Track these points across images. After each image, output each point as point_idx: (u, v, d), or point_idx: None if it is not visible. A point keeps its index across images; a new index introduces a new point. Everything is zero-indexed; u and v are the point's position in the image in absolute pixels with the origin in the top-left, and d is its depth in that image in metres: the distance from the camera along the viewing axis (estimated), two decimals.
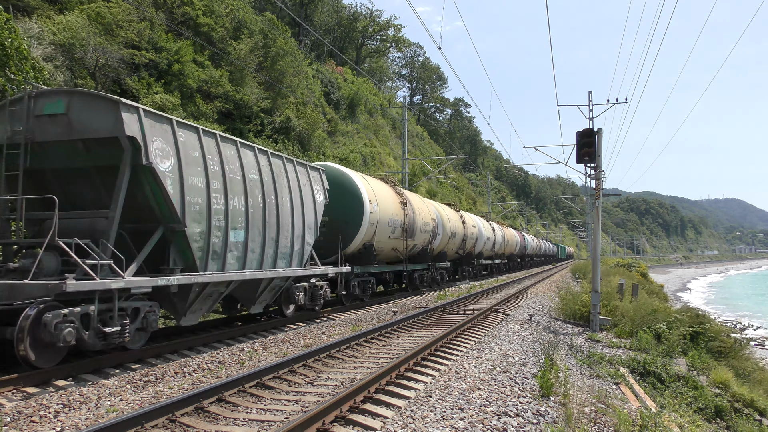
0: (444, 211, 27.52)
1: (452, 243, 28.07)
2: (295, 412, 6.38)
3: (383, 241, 18.81)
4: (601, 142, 16.07)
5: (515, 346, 11.33)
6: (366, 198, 17.17)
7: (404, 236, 20.30)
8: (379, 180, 20.79)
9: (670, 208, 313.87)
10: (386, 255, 19.82)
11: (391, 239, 19.44)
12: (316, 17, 54.36)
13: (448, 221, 27.12)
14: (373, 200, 17.73)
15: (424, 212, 23.24)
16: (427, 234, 23.39)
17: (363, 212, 16.93)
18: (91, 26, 19.31)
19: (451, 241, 27.70)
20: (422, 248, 23.25)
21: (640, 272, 45.81)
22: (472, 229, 32.37)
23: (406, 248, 20.56)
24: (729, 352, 16.55)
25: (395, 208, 19.70)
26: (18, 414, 6.26)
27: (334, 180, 16.75)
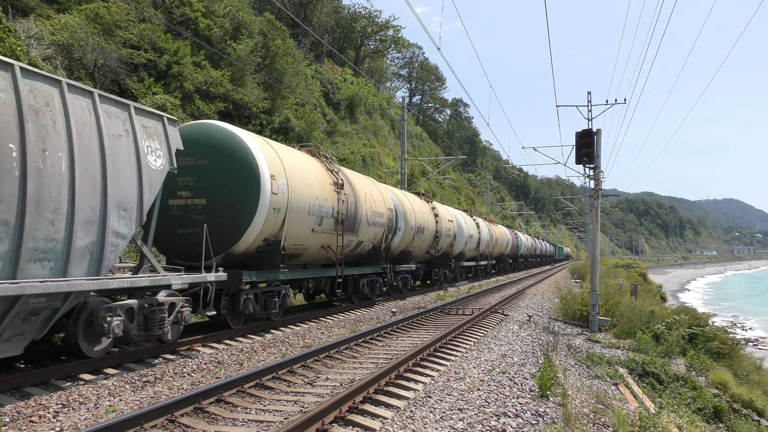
0: (408, 201, 22.32)
1: (419, 241, 22.95)
2: (295, 413, 6.38)
3: (304, 236, 13.80)
4: (599, 143, 16.09)
5: (514, 346, 11.34)
6: (264, 171, 11.82)
7: (339, 230, 15.25)
8: (304, 152, 15.54)
9: (669, 208, 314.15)
10: (313, 255, 14.92)
11: (318, 233, 14.36)
12: (315, 18, 54.40)
13: (412, 213, 21.87)
14: (280, 176, 12.44)
15: (374, 199, 18.12)
16: (380, 228, 18.34)
17: (259, 191, 11.61)
18: (90, 26, 19.30)
19: (417, 239, 22.61)
20: (373, 246, 18.34)
21: (639, 273, 45.88)
22: (449, 225, 27.26)
23: (342, 246, 15.51)
24: (727, 353, 16.57)
25: (323, 191, 14.56)
26: (17, 414, 6.26)
27: (214, 143, 11.71)
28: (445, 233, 26.26)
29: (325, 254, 15.31)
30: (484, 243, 35.49)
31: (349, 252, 16.65)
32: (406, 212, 21.31)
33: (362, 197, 17.13)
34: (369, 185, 18.68)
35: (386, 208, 19.13)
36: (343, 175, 16.26)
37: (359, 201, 16.76)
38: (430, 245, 24.74)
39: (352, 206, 16.12)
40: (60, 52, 17.85)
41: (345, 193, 15.71)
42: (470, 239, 31.31)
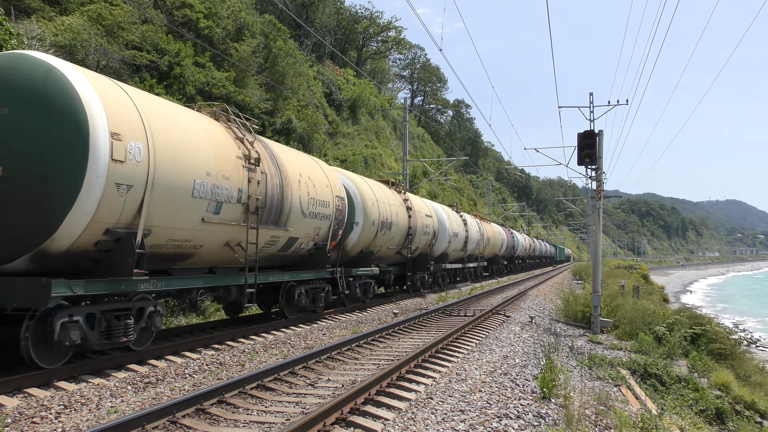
0: (370, 190, 17.96)
1: (386, 239, 18.71)
2: (296, 414, 6.38)
3: (188, 229, 9.63)
4: (601, 144, 16.08)
5: (516, 348, 11.33)
6: (99, 124, 7.80)
7: (252, 221, 11.14)
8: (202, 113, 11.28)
9: (671, 209, 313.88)
10: (214, 256, 10.83)
11: (215, 225, 10.18)
12: (317, 19, 54.45)
13: (374, 205, 17.57)
14: (132, 135, 8.32)
15: (314, 183, 13.83)
16: (323, 221, 14.11)
17: (87, 155, 7.60)
18: (93, 27, 19.34)
19: (383, 236, 18.38)
20: (315, 245, 14.27)
21: (641, 274, 45.83)
22: (426, 221, 23.13)
23: (257, 244, 11.38)
24: (730, 354, 16.55)
25: (223, 165, 10.28)
26: (19, 415, 6.26)
27: (19, 83, 7.75)
28: (421, 230, 22.14)
29: (233, 255, 11.09)
30: (473, 242, 31.29)
31: (276, 252, 12.73)
32: (365, 203, 17.13)
33: (294, 179, 12.90)
34: (308, 165, 14.17)
35: (334, 197, 14.78)
36: (262, 147, 11.89)
37: (289, 184, 12.57)
38: (401, 244, 20.43)
39: (275, 190, 11.88)
40: (62, 53, 17.89)
41: (263, 171, 11.46)
42: (455, 238, 27.40)
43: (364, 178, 19.44)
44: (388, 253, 19.65)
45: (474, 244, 31.51)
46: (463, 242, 29.13)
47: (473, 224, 31.84)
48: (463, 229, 29.13)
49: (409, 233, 20.75)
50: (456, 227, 27.63)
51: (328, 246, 14.69)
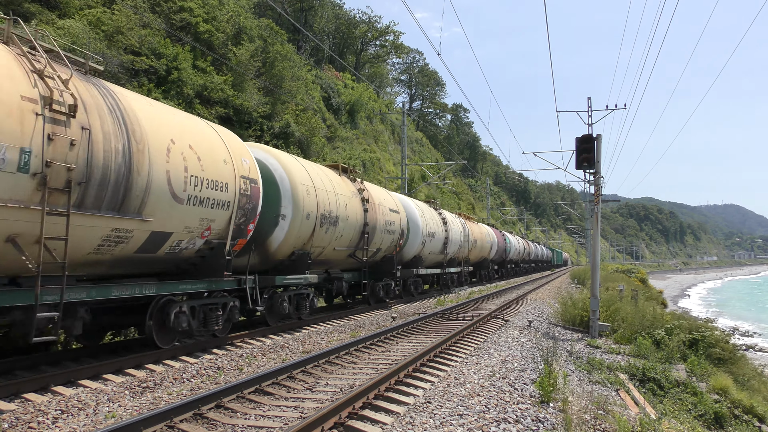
0: (301, 171, 13.98)
1: (328, 237, 14.72)
2: (294, 419, 6.37)
3: None
4: (600, 148, 16.11)
5: (514, 352, 11.32)
6: None
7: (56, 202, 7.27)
8: None
9: (669, 213, 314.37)
10: None
11: None
12: (315, 23, 54.54)
13: (309, 193, 13.71)
14: None
15: (197, 152, 9.80)
16: (215, 210, 10.13)
17: None
18: (92, 32, 19.35)
19: (323, 234, 14.39)
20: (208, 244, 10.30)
21: (639, 278, 45.86)
22: (390, 217, 19.00)
23: (67, 239, 7.38)
24: (728, 359, 16.55)
25: None
26: (16, 420, 6.24)
27: None
28: (383, 229, 18.13)
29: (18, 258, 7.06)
30: (455, 244, 27.66)
31: (132, 254, 8.77)
32: (295, 189, 13.18)
33: (159, 145, 8.94)
34: (190, 129, 10.02)
35: (238, 177, 10.74)
36: (90, 90, 8.16)
37: (146, 151, 8.60)
38: (353, 245, 16.37)
39: (113, 157, 7.95)
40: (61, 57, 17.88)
41: (85, 127, 7.58)
42: (431, 239, 23.65)
43: (300, 158, 15.29)
44: (336, 255, 15.75)
45: (456, 246, 27.92)
46: (442, 244, 25.56)
47: (455, 224, 28.41)
48: (441, 228, 25.40)
49: (365, 231, 16.63)
50: (433, 226, 24.00)
51: (226, 245, 10.64)
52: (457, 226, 28.53)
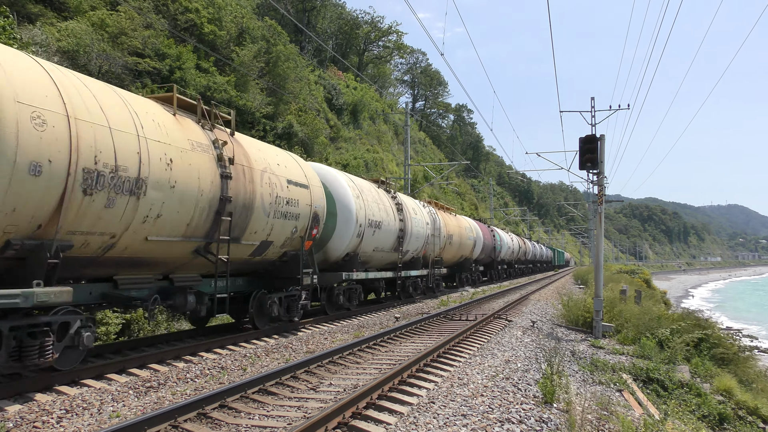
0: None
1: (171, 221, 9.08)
2: (298, 419, 6.38)
3: None
4: (603, 148, 16.09)
5: (518, 352, 11.31)
6: None
7: None
8: None
9: (673, 214, 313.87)
10: None
11: None
12: (318, 24, 54.58)
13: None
14: None
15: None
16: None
17: None
18: (95, 33, 19.41)
19: (167, 216, 8.91)
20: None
21: (643, 279, 45.78)
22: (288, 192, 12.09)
23: None
24: (732, 359, 16.51)
25: None
26: (21, 419, 6.26)
27: None
28: (269, 206, 11.53)
29: None
30: (417, 239, 21.16)
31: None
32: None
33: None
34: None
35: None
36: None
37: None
38: (200, 232, 9.82)
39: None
40: (66, 58, 17.95)
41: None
42: (375, 230, 17.34)
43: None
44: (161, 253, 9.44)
45: (419, 241, 21.56)
46: (396, 238, 19.17)
47: (419, 213, 21.82)
48: (394, 216, 19.05)
49: (223, 209, 10.13)
50: (380, 212, 17.68)
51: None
52: (420, 216, 21.88)
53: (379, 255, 18.59)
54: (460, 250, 29.24)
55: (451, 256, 28.15)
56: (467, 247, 30.31)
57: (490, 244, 36.56)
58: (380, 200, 18.39)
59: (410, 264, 21.92)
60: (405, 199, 21.39)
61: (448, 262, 28.02)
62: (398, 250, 19.76)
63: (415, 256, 22.18)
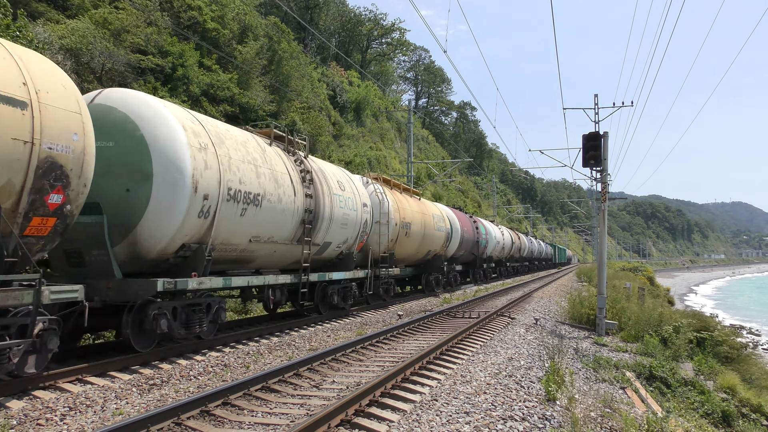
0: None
1: None
2: (301, 416, 6.38)
3: None
4: (607, 146, 16.05)
5: (521, 350, 11.30)
6: None
7: None
8: None
9: (677, 211, 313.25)
10: None
11: None
12: (321, 21, 54.55)
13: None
14: None
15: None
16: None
17: None
18: (98, 31, 19.43)
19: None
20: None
21: (646, 276, 45.70)
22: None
23: None
24: (736, 357, 16.48)
25: None
26: (24, 417, 6.28)
27: None
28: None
29: None
30: (347, 227, 15.43)
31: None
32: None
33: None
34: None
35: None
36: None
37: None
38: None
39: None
40: (68, 56, 17.97)
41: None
42: (256, 209, 11.27)
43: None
44: None
45: (349, 229, 15.48)
46: (298, 222, 12.84)
47: (348, 187, 15.88)
48: (294, 189, 12.72)
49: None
50: (259, 180, 11.45)
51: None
52: (351, 194, 15.77)
53: (266, 249, 11.98)
54: (425, 245, 22.45)
55: (412, 252, 21.48)
56: (437, 241, 23.71)
57: (471, 238, 30.11)
58: (264, 161, 11.87)
59: (334, 263, 15.82)
60: (324, 166, 15.32)
61: (408, 259, 21.70)
62: (305, 242, 13.12)
63: (345, 252, 15.83)
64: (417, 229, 21.15)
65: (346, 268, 15.89)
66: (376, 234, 18.04)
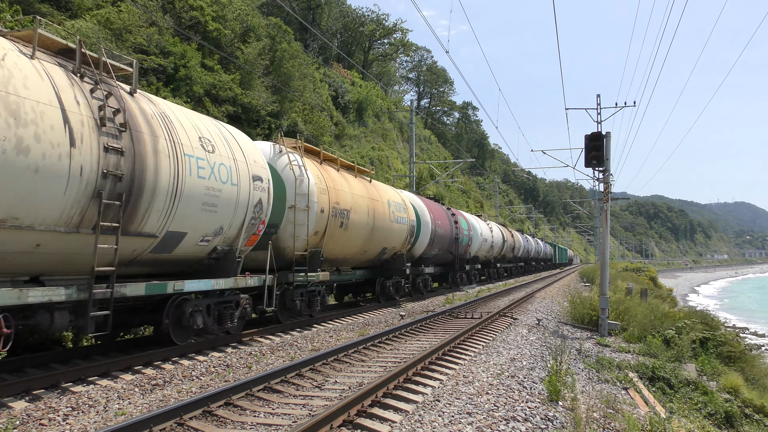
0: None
1: None
2: (303, 416, 6.38)
3: None
4: (609, 146, 16.03)
5: (523, 350, 11.29)
6: None
7: None
8: None
9: (679, 211, 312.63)
10: None
11: None
12: (323, 21, 54.56)
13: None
14: None
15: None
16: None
17: None
18: (101, 31, 19.46)
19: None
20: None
21: (649, 276, 45.58)
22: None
23: None
24: (739, 357, 16.44)
25: None
26: (27, 417, 6.29)
27: None
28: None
29: None
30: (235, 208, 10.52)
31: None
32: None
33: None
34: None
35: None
36: None
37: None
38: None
39: None
40: None
41: None
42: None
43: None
44: None
45: (228, 213, 10.37)
46: (93, 192, 7.59)
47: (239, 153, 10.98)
48: (84, 137, 7.44)
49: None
50: None
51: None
52: (233, 163, 10.62)
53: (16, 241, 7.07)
54: (376, 240, 17.61)
55: (354, 251, 16.77)
56: (395, 236, 18.90)
57: (447, 234, 25.01)
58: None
59: (204, 267, 10.76)
60: (177, 111, 10.04)
61: (351, 260, 17.10)
62: (106, 230, 7.97)
63: (222, 249, 10.69)
64: (360, 219, 16.13)
65: (223, 274, 10.76)
66: (290, 223, 13.33)
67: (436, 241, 23.42)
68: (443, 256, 25.59)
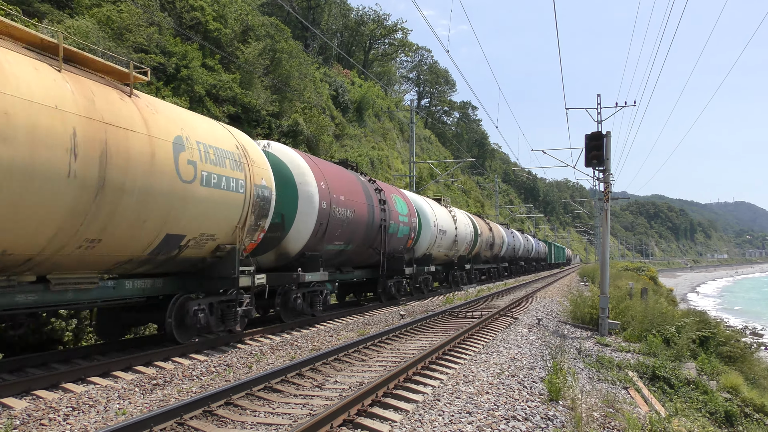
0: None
1: None
2: (303, 416, 6.38)
3: None
4: (609, 145, 16.03)
5: (523, 349, 11.29)
6: None
7: None
8: None
9: (680, 211, 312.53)
10: None
11: None
12: (323, 21, 54.53)
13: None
14: None
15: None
16: None
17: None
18: (101, 30, 19.45)
19: None
20: None
21: (649, 276, 45.58)
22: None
23: None
24: (739, 357, 16.45)
25: None
26: (27, 417, 6.29)
27: None
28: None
29: None
30: None
31: None
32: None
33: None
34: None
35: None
36: None
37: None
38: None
39: None
40: None
41: None
42: None
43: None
44: None
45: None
46: None
47: None
48: None
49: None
50: None
51: None
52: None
53: None
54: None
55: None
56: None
57: (363, 220, 16.04)
58: None
59: None
60: None
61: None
62: None
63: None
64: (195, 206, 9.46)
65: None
66: None
67: (332, 227, 14.20)
68: (362, 252, 16.85)
